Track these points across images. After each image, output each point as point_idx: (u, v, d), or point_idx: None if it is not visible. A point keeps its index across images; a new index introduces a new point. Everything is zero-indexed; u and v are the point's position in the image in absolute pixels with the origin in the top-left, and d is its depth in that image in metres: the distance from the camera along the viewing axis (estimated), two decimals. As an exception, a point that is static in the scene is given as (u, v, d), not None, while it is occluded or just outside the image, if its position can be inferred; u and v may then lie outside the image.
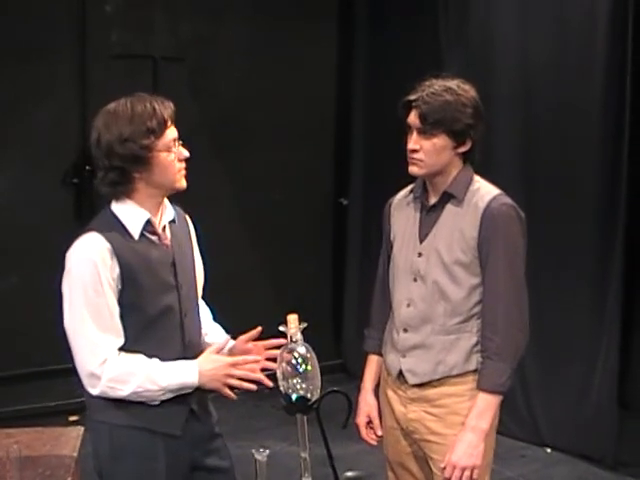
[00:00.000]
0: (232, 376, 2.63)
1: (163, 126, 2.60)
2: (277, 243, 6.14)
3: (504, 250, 2.76)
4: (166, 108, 2.63)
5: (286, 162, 6.10)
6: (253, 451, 2.61)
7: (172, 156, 2.63)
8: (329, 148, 6.41)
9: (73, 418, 5.10)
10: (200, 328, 2.84)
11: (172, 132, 2.64)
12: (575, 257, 4.92)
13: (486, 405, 2.76)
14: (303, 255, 6.24)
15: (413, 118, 2.79)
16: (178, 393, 2.62)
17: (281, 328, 2.62)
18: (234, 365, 2.64)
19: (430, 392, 2.84)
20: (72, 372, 2.65)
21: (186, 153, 2.68)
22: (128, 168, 2.59)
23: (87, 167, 5.26)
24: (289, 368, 2.58)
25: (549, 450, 5.08)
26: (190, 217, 2.89)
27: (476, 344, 2.81)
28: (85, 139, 5.18)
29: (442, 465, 2.77)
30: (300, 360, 2.57)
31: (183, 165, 2.68)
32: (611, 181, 4.74)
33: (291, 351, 2.59)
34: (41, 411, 5.32)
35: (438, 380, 2.83)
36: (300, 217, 6.20)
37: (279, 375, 2.60)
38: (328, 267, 6.50)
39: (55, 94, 5.45)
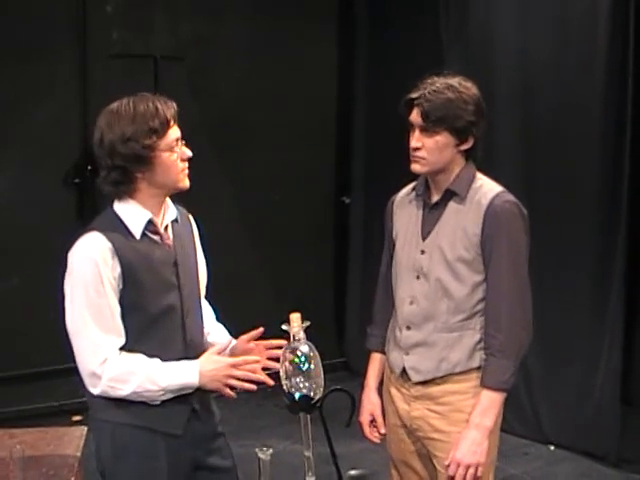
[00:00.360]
0: (233, 377, 2.62)
1: (166, 126, 2.60)
2: (278, 242, 6.13)
3: (507, 247, 2.75)
4: (169, 108, 2.62)
5: (286, 162, 6.10)
6: (256, 450, 2.61)
7: (174, 156, 2.63)
8: (330, 147, 6.40)
9: (76, 418, 5.11)
10: (202, 328, 2.83)
11: (175, 132, 2.63)
12: (577, 257, 4.91)
13: (490, 402, 2.75)
14: (305, 254, 6.24)
15: (415, 116, 2.78)
16: (178, 393, 2.62)
17: (284, 327, 2.62)
18: (235, 366, 2.64)
19: (433, 390, 2.83)
20: (75, 372, 2.65)
21: (189, 153, 2.67)
22: (130, 168, 2.59)
23: (89, 167, 5.27)
24: (292, 367, 2.57)
25: (552, 447, 5.08)
26: (190, 217, 2.89)
27: (479, 341, 2.80)
28: (86, 139, 5.20)
29: (446, 463, 2.77)
30: (303, 359, 2.57)
31: (186, 165, 2.67)
32: (613, 179, 4.72)
33: (294, 350, 2.58)
34: (44, 411, 5.32)
35: (441, 377, 2.82)
36: (301, 216, 6.20)
37: (282, 374, 2.59)
38: (330, 265, 6.49)
39: (55, 94, 5.45)
